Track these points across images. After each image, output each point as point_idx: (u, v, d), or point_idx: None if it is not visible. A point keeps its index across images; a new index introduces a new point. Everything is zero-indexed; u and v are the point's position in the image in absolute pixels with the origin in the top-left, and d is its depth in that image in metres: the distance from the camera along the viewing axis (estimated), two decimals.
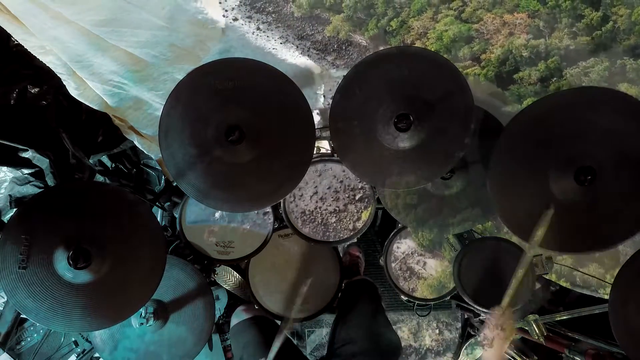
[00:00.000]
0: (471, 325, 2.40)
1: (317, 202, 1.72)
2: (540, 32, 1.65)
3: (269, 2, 1.67)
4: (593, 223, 1.16)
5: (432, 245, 1.95)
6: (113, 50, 1.60)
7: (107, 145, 1.97)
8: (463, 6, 1.67)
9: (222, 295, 1.99)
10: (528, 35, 1.62)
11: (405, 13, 1.71)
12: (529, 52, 1.64)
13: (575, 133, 1.17)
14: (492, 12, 1.61)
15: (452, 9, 1.69)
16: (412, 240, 1.96)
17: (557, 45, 1.65)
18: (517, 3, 1.65)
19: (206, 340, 1.47)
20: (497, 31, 1.59)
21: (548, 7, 1.62)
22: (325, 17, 1.74)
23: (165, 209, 2.14)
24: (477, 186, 1.51)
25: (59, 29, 1.49)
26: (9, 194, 1.67)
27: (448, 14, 1.66)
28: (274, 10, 1.73)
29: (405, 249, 1.96)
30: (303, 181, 1.68)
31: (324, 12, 1.70)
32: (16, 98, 1.71)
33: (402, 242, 1.97)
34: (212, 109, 1.24)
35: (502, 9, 1.65)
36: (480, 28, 1.64)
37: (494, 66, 1.68)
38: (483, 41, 1.64)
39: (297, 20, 1.76)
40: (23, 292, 1.12)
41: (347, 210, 1.73)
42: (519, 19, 1.61)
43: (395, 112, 1.24)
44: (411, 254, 1.95)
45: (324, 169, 1.70)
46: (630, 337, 1.14)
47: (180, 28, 1.67)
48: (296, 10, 1.71)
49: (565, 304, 1.94)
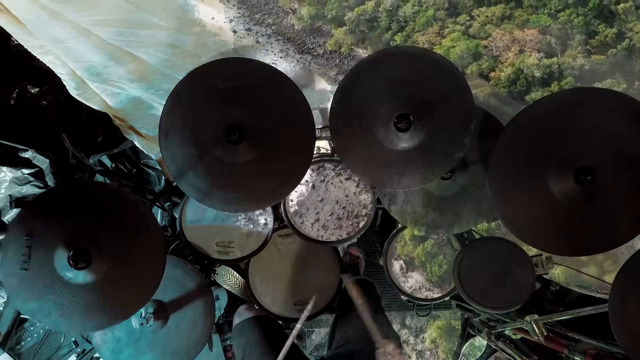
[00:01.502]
0: (471, 325, 2.40)
1: (319, 230, 1.71)
2: (552, 49, 1.63)
3: (268, 14, 1.67)
4: (593, 224, 1.16)
5: (441, 281, 1.90)
6: (113, 50, 1.60)
7: (107, 145, 1.97)
8: (470, 20, 1.66)
9: (222, 295, 1.99)
10: (540, 53, 1.60)
11: (410, 27, 1.70)
12: (541, 72, 1.62)
13: (575, 133, 1.17)
14: (500, 27, 1.60)
15: (458, 23, 1.68)
16: (420, 275, 1.91)
17: (571, 65, 1.62)
18: (527, 18, 1.64)
19: (206, 340, 1.47)
20: (507, 48, 1.58)
21: (559, 23, 1.60)
22: (326, 30, 1.74)
23: (165, 209, 2.14)
24: (477, 186, 1.51)
25: (59, 29, 1.49)
26: (9, 194, 1.67)
27: (455, 29, 1.65)
28: (274, 22, 1.73)
29: (413, 284, 1.91)
30: (304, 207, 1.68)
31: (325, 24, 1.70)
32: (16, 98, 1.71)
33: (410, 275, 1.91)
34: (212, 109, 1.24)
35: (512, 24, 1.64)
36: (489, 44, 1.63)
37: (504, 85, 1.66)
38: (492, 58, 1.62)
39: (298, 32, 1.76)
40: (24, 293, 1.12)
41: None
42: (530, 35, 1.59)
43: (395, 112, 1.24)
44: (419, 288, 1.90)
45: (326, 194, 1.67)
46: (630, 337, 1.14)
47: (181, 28, 1.67)
48: (296, 23, 1.70)
49: (565, 304, 1.94)
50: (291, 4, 8.46)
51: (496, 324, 2.02)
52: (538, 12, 6.87)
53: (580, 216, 1.17)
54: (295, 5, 8.22)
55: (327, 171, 1.69)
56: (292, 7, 8.25)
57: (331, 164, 1.69)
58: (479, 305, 1.64)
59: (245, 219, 1.75)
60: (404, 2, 8.31)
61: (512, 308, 1.62)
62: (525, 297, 1.58)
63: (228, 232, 1.74)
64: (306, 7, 7.98)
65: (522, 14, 7.28)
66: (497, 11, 7.62)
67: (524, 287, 1.58)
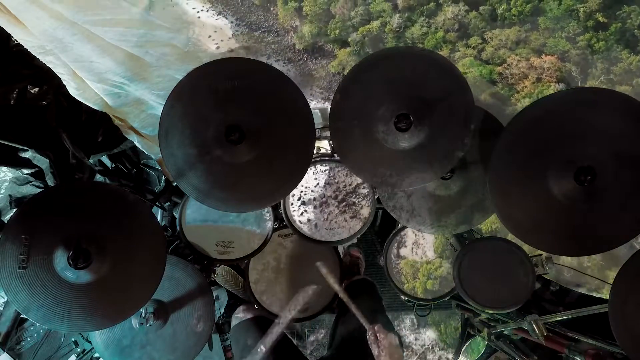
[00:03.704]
0: (471, 325, 2.40)
1: (319, 230, 1.70)
2: (572, 78, 1.58)
3: (267, 31, 1.66)
4: (593, 224, 1.16)
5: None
6: (113, 50, 1.60)
7: (107, 145, 1.97)
8: (482, 44, 1.62)
9: (222, 295, 1.99)
10: (559, 84, 1.54)
11: None
12: None
13: (575, 133, 1.17)
14: (515, 52, 1.56)
15: (470, 46, 1.64)
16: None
17: None
18: (544, 42, 1.58)
19: (206, 340, 1.47)
20: (523, 76, 1.53)
21: (578, 48, 1.55)
22: (329, 50, 1.72)
23: (165, 209, 2.14)
24: (477, 186, 1.51)
25: (59, 29, 1.49)
26: (9, 194, 1.68)
27: (467, 53, 1.61)
28: (274, 41, 1.71)
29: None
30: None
31: (327, 43, 1.67)
32: (16, 98, 1.71)
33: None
34: (212, 109, 1.24)
35: (528, 48, 1.59)
36: (503, 71, 1.58)
37: None
38: (507, 86, 1.58)
39: (299, 53, 1.73)
40: (23, 292, 1.12)
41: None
42: (548, 62, 1.54)
43: (395, 112, 1.24)
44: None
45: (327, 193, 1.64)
46: (630, 337, 1.14)
47: (180, 28, 1.67)
48: (297, 42, 1.68)
49: (565, 304, 1.94)
50: (292, 20, 8.33)
51: (496, 324, 2.02)
52: (555, 36, 6.62)
53: (580, 216, 1.17)
54: (296, 22, 8.10)
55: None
56: (293, 25, 8.12)
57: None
58: (479, 305, 1.64)
59: (245, 219, 1.75)
60: (411, 22, 8.13)
61: (512, 308, 1.62)
62: (525, 297, 1.58)
63: (228, 232, 1.74)
64: (307, 25, 7.84)
65: (539, 37, 7.03)
66: (512, 34, 7.33)
67: (524, 287, 1.58)
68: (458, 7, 8.25)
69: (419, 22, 8.34)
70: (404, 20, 8.24)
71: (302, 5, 8.95)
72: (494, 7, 8.17)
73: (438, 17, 8.29)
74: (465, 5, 8.27)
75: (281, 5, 9.06)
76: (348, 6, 8.43)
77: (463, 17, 8.09)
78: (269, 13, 8.10)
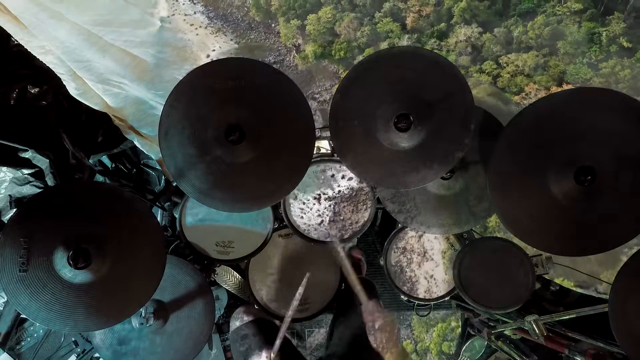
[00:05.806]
0: (471, 325, 2.40)
1: (319, 229, 1.69)
2: None
3: (269, 50, 1.64)
4: (593, 224, 1.16)
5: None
6: (113, 50, 1.60)
7: (107, 145, 1.97)
8: (497, 69, 1.54)
9: (222, 295, 1.99)
10: None
11: None
12: None
13: (575, 133, 1.17)
14: (533, 79, 1.49)
15: (484, 72, 1.57)
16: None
17: None
18: (564, 69, 1.50)
19: (206, 340, 1.47)
20: None
21: (602, 75, 1.47)
22: (333, 70, 1.69)
23: (165, 209, 2.14)
24: (477, 186, 1.51)
25: (59, 29, 1.49)
26: (9, 194, 1.67)
27: (481, 79, 1.55)
28: (275, 61, 1.70)
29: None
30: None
31: (332, 64, 1.64)
32: (16, 98, 1.71)
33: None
34: (212, 109, 1.24)
35: (547, 75, 1.51)
36: (521, 101, 1.53)
37: None
38: None
39: (302, 74, 1.70)
40: (24, 293, 1.12)
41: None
42: None
43: (395, 112, 1.24)
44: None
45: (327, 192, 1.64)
46: (630, 337, 1.14)
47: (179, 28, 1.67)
48: (300, 63, 1.66)
49: (565, 304, 1.94)
50: (294, 39, 8.09)
51: (496, 324, 2.02)
52: (576, 62, 6.17)
53: (580, 216, 1.17)
54: (299, 40, 7.88)
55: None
56: (296, 43, 7.91)
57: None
58: (479, 305, 1.64)
59: (245, 219, 1.74)
60: (421, 44, 7.84)
61: (512, 308, 1.62)
62: (525, 297, 1.58)
63: (228, 232, 1.74)
64: (311, 45, 7.61)
65: (558, 63, 6.57)
66: (529, 59, 6.80)
67: (524, 287, 1.58)
68: (471, 29, 7.88)
69: (429, 43, 8.00)
70: (414, 41, 8.03)
71: (305, 24, 8.62)
72: (509, 29, 7.72)
73: (450, 39, 8.00)
74: (479, 27, 7.87)
75: (283, 23, 8.71)
76: (354, 25, 8.23)
77: (476, 39, 7.75)
78: (270, 30, 7.95)
